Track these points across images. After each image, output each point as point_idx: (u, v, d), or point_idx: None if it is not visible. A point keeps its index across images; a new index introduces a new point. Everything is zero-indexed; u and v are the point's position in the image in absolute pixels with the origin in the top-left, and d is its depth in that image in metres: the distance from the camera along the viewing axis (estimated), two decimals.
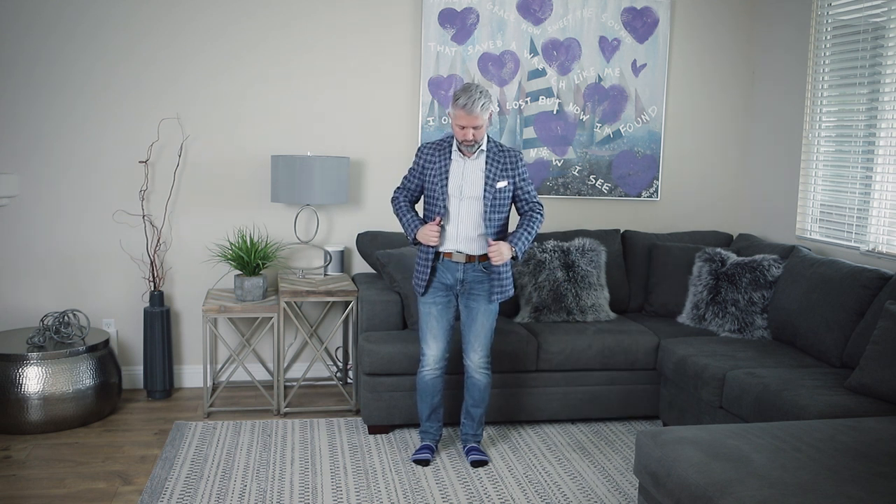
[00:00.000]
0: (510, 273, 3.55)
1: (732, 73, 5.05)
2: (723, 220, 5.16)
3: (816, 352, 3.77)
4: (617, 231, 4.79)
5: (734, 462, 2.45)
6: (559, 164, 4.87)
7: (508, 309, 4.42)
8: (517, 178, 3.51)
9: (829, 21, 4.43)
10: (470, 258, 3.50)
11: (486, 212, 3.45)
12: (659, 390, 4.17)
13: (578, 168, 4.90)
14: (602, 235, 4.68)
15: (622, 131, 4.92)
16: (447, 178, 3.47)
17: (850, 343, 3.62)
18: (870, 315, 3.57)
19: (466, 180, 3.47)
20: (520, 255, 3.47)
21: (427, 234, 3.44)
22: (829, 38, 4.44)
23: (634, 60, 4.87)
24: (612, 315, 4.43)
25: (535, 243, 4.44)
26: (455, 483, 3.44)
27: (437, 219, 3.44)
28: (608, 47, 4.83)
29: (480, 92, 3.34)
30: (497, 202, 3.47)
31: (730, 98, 5.08)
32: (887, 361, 3.17)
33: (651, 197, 5.01)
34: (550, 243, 4.43)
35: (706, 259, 4.41)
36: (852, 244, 4.22)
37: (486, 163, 3.47)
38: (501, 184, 3.47)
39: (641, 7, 4.83)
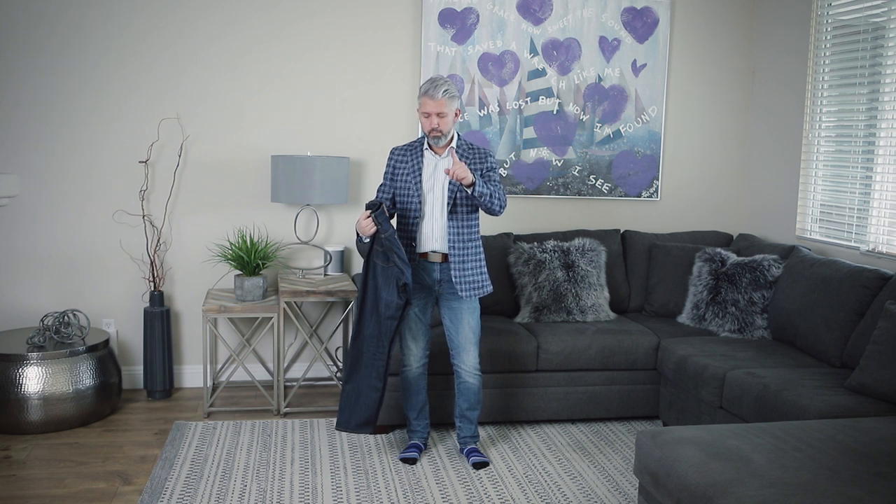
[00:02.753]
0: (485, 268, 3.57)
1: (732, 73, 5.05)
2: (723, 220, 5.16)
3: (816, 352, 3.77)
4: (617, 231, 4.80)
5: (734, 462, 2.45)
6: (559, 164, 4.87)
7: (508, 309, 4.42)
8: (483, 171, 3.52)
9: (829, 21, 4.43)
10: (445, 257, 3.51)
11: (448, 204, 3.45)
12: (659, 390, 4.17)
13: (578, 168, 4.90)
14: (602, 235, 4.68)
15: (622, 131, 4.92)
16: (420, 176, 3.49)
17: (850, 343, 3.62)
18: (870, 315, 3.57)
19: (437, 179, 3.49)
20: (478, 187, 3.31)
21: (362, 223, 3.36)
22: (829, 38, 4.44)
23: (634, 60, 4.87)
24: (612, 315, 4.43)
25: (536, 243, 4.44)
26: (455, 483, 3.44)
27: (366, 213, 3.36)
28: (608, 47, 4.83)
29: (445, 80, 3.41)
30: (463, 195, 3.47)
31: (730, 98, 5.08)
32: (887, 361, 3.17)
33: (651, 197, 5.01)
34: (550, 243, 4.43)
35: (706, 259, 4.41)
36: (852, 244, 4.22)
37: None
38: None
39: (641, 7, 4.84)
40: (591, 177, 4.92)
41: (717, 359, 3.74)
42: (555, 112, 4.83)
